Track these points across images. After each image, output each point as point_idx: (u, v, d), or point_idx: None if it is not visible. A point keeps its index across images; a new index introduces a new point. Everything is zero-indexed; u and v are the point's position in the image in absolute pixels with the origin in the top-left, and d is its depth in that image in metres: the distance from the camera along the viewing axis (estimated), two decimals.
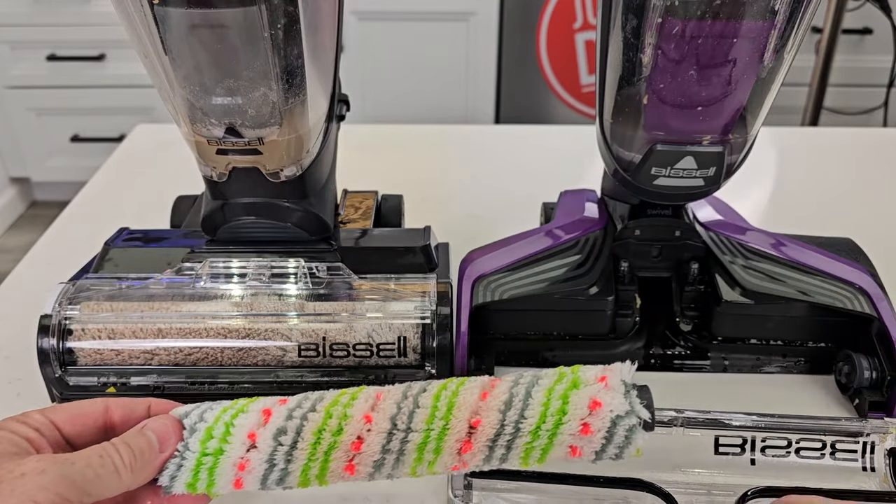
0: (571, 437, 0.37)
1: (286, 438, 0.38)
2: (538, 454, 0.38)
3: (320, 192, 0.56)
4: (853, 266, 0.56)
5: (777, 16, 0.43)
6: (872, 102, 2.02)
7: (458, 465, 0.39)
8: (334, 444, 0.39)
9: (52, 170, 2.30)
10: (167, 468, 0.39)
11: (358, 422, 0.39)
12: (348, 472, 0.39)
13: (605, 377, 0.38)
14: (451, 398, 0.39)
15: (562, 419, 0.37)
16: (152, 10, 0.43)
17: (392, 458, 0.39)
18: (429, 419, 0.38)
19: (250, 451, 0.39)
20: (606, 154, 0.53)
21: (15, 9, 2.05)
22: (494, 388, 0.39)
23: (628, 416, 0.37)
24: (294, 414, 0.39)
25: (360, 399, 0.40)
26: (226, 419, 0.39)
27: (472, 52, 2.01)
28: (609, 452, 0.37)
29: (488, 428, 0.38)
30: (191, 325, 0.51)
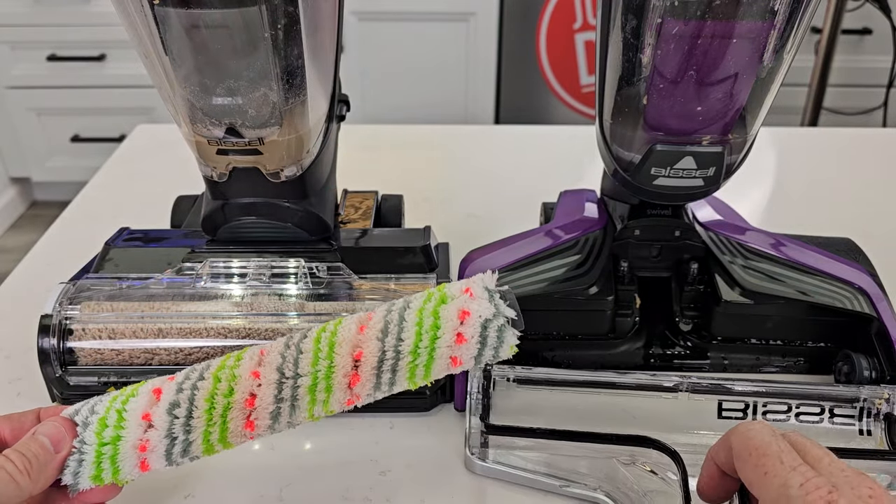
0: (449, 349, 0.40)
1: (180, 410, 0.39)
2: (422, 371, 0.40)
3: (320, 192, 0.56)
4: (853, 266, 0.56)
5: (776, 16, 0.43)
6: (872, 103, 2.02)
7: (351, 399, 0.41)
8: (228, 405, 0.40)
9: (53, 170, 2.30)
10: (68, 467, 0.39)
11: (247, 380, 0.40)
12: (248, 429, 0.40)
13: (468, 288, 0.41)
14: (331, 338, 0.40)
15: (437, 334, 0.40)
16: (153, 11, 0.43)
17: (287, 406, 0.40)
18: (313, 362, 0.40)
19: (148, 431, 0.39)
20: (606, 154, 0.53)
21: (15, 9, 2.05)
22: (370, 320, 0.41)
23: (496, 318, 0.40)
24: (184, 386, 0.40)
25: (245, 359, 0.41)
26: (117, 406, 0.40)
27: (472, 52, 2.01)
28: (486, 355, 0.40)
29: (371, 357, 0.40)
30: (191, 325, 0.51)
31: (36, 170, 2.31)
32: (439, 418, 0.53)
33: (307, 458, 0.50)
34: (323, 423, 0.52)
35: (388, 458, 0.50)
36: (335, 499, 0.47)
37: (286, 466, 0.49)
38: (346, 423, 0.52)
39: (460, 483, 0.48)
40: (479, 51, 2.01)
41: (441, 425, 0.53)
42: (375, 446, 0.51)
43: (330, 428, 0.52)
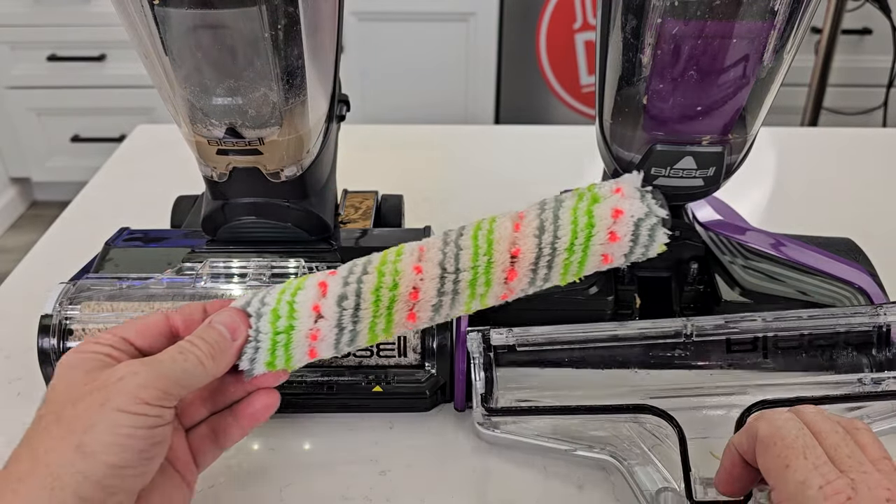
0: (602, 247, 0.42)
1: (348, 303, 0.42)
2: (576, 268, 0.43)
3: (320, 192, 0.56)
4: (853, 266, 0.56)
5: (776, 16, 0.43)
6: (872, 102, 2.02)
7: (506, 294, 0.44)
8: (394, 298, 0.42)
9: (53, 170, 2.30)
10: (245, 353, 0.41)
11: (409, 274, 0.43)
12: (411, 320, 0.43)
13: (619, 188, 0.43)
14: (489, 235, 0.43)
15: (591, 232, 0.42)
16: (153, 11, 0.43)
17: (448, 299, 0.43)
18: (473, 257, 0.43)
19: (318, 322, 0.42)
20: (606, 154, 0.53)
21: (15, 9, 2.05)
22: (524, 218, 0.43)
23: (648, 217, 0.42)
24: (349, 280, 0.43)
25: (405, 254, 0.43)
26: (286, 299, 0.42)
27: (472, 52, 2.01)
28: (636, 253, 0.43)
29: (528, 253, 0.43)
30: None
31: (36, 170, 2.31)
32: (439, 418, 0.53)
33: (307, 458, 0.50)
34: (323, 422, 0.52)
35: (388, 458, 0.50)
36: (335, 499, 0.47)
37: (286, 466, 0.49)
38: (346, 423, 0.52)
39: (460, 483, 0.48)
40: (479, 51, 2.01)
41: (441, 425, 0.53)
42: (375, 446, 0.51)
43: (330, 428, 0.52)
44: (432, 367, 0.51)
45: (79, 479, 0.32)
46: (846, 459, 0.34)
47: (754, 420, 0.37)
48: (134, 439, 0.33)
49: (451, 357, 0.51)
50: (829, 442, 0.35)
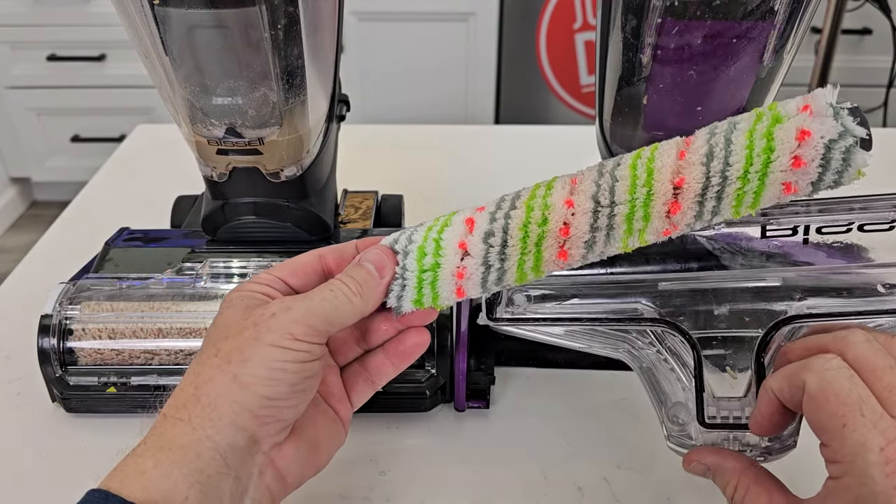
0: (783, 174, 0.36)
1: (495, 240, 0.39)
2: (750, 199, 0.37)
3: (320, 192, 0.56)
4: None
5: (776, 16, 0.43)
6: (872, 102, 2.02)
7: (668, 230, 0.38)
8: (542, 234, 0.39)
9: (53, 170, 2.30)
10: (392, 291, 0.40)
11: (560, 209, 0.39)
12: (562, 258, 0.40)
13: (808, 105, 0.36)
14: (649, 164, 0.38)
15: (770, 157, 0.36)
16: (153, 11, 0.43)
17: (602, 235, 0.39)
18: (630, 189, 0.38)
19: (465, 259, 0.40)
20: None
21: (15, 9, 2.05)
22: (691, 145, 0.38)
23: (843, 138, 0.36)
24: (496, 216, 0.40)
25: (556, 188, 0.40)
26: (433, 236, 0.41)
27: (472, 52, 2.01)
28: (827, 181, 0.36)
29: (694, 184, 0.37)
30: (191, 325, 0.51)
31: (36, 170, 2.31)
32: (439, 418, 0.53)
33: None
34: None
35: (388, 458, 0.50)
36: (335, 499, 0.47)
37: None
38: None
39: (460, 483, 0.48)
40: (479, 51, 2.01)
41: (441, 425, 0.53)
42: (375, 446, 0.51)
43: None
44: (432, 367, 0.51)
45: (236, 409, 0.34)
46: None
47: (798, 370, 0.34)
48: (285, 373, 0.35)
49: (451, 357, 0.51)
50: (884, 383, 0.32)
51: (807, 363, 0.34)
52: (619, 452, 0.50)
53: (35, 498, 0.47)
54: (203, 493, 0.33)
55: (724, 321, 0.44)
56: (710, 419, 0.40)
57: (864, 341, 0.34)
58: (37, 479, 0.48)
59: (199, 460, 0.33)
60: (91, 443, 0.51)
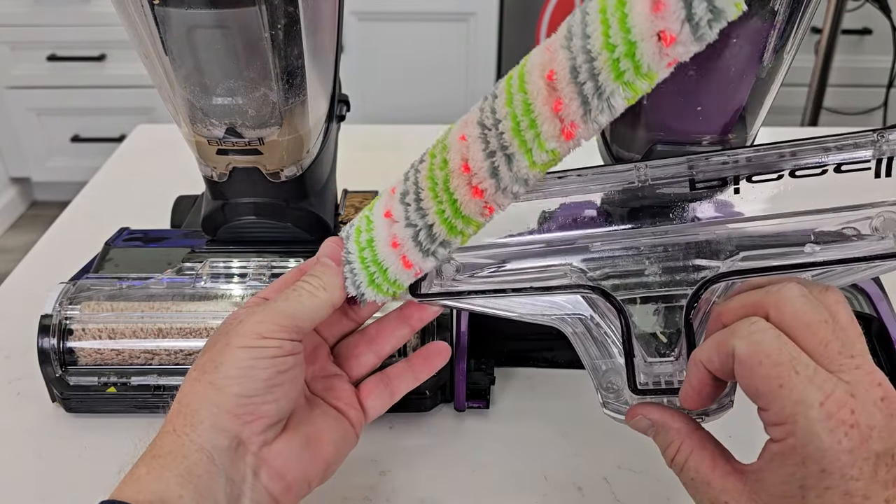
0: (649, 24, 0.30)
1: (410, 197, 0.39)
2: (629, 64, 0.31)
3: (320, 192, 0.56)
4: None
5: (776, 16, 0.43)
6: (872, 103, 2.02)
7: (565, 128, 0.34)
8: (447, 176, 0.37)
9: (53, 170, 2.30)
10: (346, 279, 0.40)
11: (455, 145, 0.37)
12: (477, 196, 0.36)
13: None
14: (520, 71, 0.35)
15: (624, 11, 0.30)
16: (153, 11, 0.43)
17: (501, 158, 0.35)
18: (507, 101, 0.35)
19: (393, 227, 0.39)
20: (606, 154, 0.53)
21: (15, 9, 2.05)
22: (551, 40, 0.34)
23: None
24: (408, 176, 0.39)
25: (453, 129, 0.38)
26: (365, 213, 0.41)
27: (472, 52, 2.01)
28: (700, 13, 0.29)
29: (563, 70, 0.33)
30: (191, 325, 0.51)
31: (36, 170, 2.31)
32: (439, 418, 0.53)
33: None
34: None
35: (388, 458, 0.50)
36: (335, 499, 0.47)
37: None
38: None
39: (460, 483, 0.48)
40: (479, 51, 2.01)
41: (441, 425, 0.53)
42: (375, 446, 0.51)
43: None
44: None
45: (214, 411, 0.36)
46: (836, 356, 0.31)
47: (726, 337, 0.33)
48: (256, 370, 0.36)
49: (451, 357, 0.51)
50: (819, 337, 0.31)
51: (733, 329, 0.33)
52: (619, 452, 0.50)
53: (35, 498, 0.47)
54: (197, 493, 0.34)
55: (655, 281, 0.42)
56: (642, 385, 0.39)
57: (799, 296, 0.33)
58: (37, 479, 0.48)
59: (186, 461, 0.35)
60: (91, 443, 0.51)
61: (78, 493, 0.47)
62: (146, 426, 0.52)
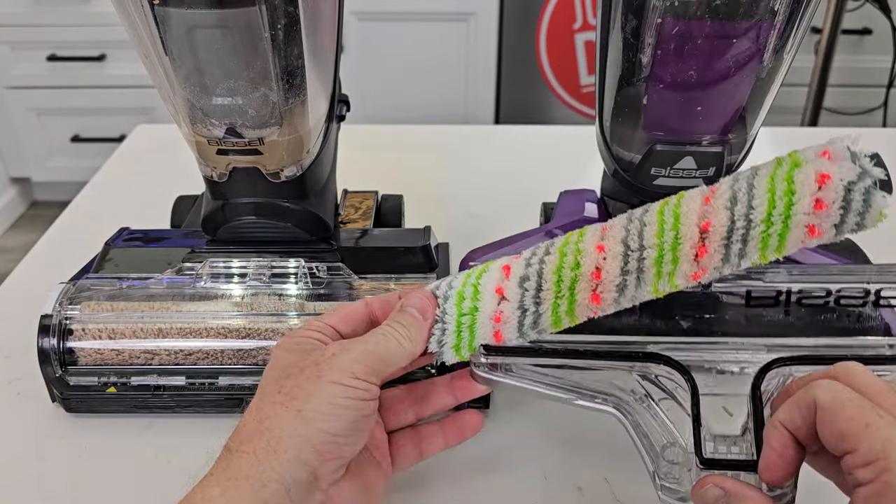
0: (806, 217, 0.37)
1: (530, 284, 0.41)
2: (776, 242, 0.38)
3: (320, 192, 0.56)
4: None
5: (776, 16, 0.43)
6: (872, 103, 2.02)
7: (697, 273, 0.40)
8: (575, 278, 0.41)
9: (53, 170, 2.30)
10: (433, 335, 0.42)
11: (592, 253, 0.41)
12: (595, 302, 0.41)
13: (826, 151, 0.38)
14: (676, 209, 0.40)
15: (792, 200, 0.37)
16: (153, 11, 0.43)
17: (633, 278, 0.40)
18: (658, 233, 0.40)
19: (501, 304, 0.41)
20: (606, 154, 0.53)
21: (15, 9, 2.05)
22: (716, 191, 0.40)
23: (862, 180, 0.37)
24: (531, 262, 0.42)
25: (587, 234, 0.42)
26: (472, 282, 0.42)
27: (472, 52, 2.01)
28: (850, 223, 0.37)
29: (719, 227, 0.38)
30: (191, 325, 0.51)
31: (36, 170, 2.31)
32: None
33: None
34: None
35: None
36: None
37: None
38: None
39: (461, 483, 0.48)
40: (479, 51, 2.01)
41: None
42: None
43: None
44: (433, 367, 0.51)
45: (300, 443, 0.35)
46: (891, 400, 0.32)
47: (805, 392, 0.34)
48: (347, 409, 0.36)
49: None
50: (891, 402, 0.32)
51: (812, 384, 0.34)
52: (619, 452, 0.50)
53: (35, 498, 0.47)
54: None
55: None
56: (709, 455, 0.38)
57: (866, 371, 0.34)
58: (37, 479, 0.48)
59: (264, 491, 0.34)
60: (91, 443, 0.51)
61: (78, 493, 0.47)
62: (146, 426, 0.52)
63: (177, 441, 0.51)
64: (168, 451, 0.50)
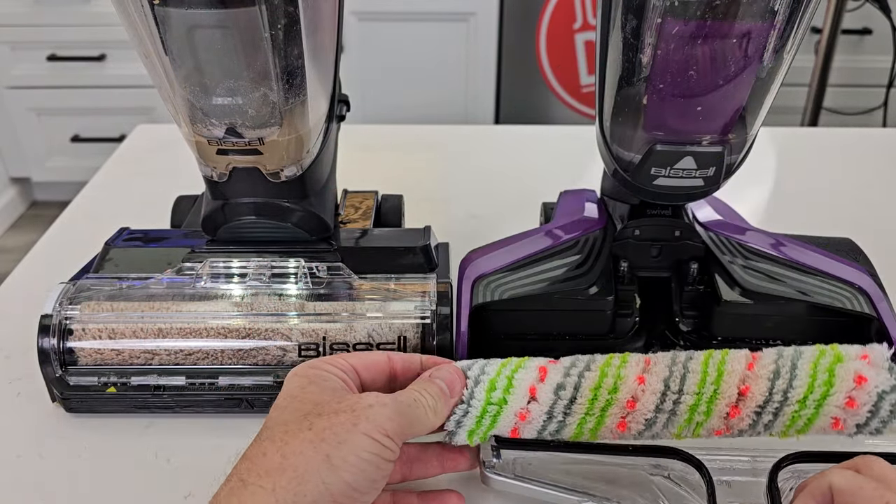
0: (837, 409, 0.40)
1: (565, 393, 0.42)
2: (802, 423, 0.41)
3: (320, 192, 0.56)
4: (853, 266, 0.56)
5: (776, 16, 0.43)
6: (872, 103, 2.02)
7: (722, 430, 0.42)
8: (611, 401, 0.42)
9: (53, 170, 2.30)
10: (454, 414, 0.42)
11: (631, 383, 0.42)
12: (620, 429, 0.42)
13: (866, 355, 0.41)
14: (720, 365, 0.42)
15: (829, 391, 0.40)
16: (153, 11, 0.43)
17: (663, 417, 0.42)
18: (700, 383, 0.42)
19: (531, 403, 0.42)
20: (606, 154, 0.53)
21: (15, 9, 2.05)
22: (760, 360, 0.42)
23: (894, 392, 0.40)
24: (570, 372, 0.43)
25: (630, 362, 0.43)
26: (507, 373, 0.43)
27: (472, 52, 2.01)
28: (872, 426, 0.40)
29: (758, 395, 0.41)
30: (191, 325, 0.51)
31: (36, 170, 2.31)
32: None
33: None
34: None
35: None
36: None
37: None
38: None
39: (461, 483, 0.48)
40: (479, 51, 2.01)
41: None
42: None
43: None
44: None
45: (322, 489, 0.34)
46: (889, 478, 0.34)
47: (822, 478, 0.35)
48: (370, 465, 0.36)
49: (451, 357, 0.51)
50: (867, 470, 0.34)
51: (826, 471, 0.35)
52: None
53: (35, 498, 0.47)
54: None
55: None
56: None
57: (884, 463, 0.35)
58: (37, 479, 0.48)
59: None
60: (91, 443, 0.51)
61: (78, 494, 0.47)
62: (146, 426, 0.52)
63: (177, 441, 0.51)
64: (168, 451, 0.50)
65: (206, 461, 0.48)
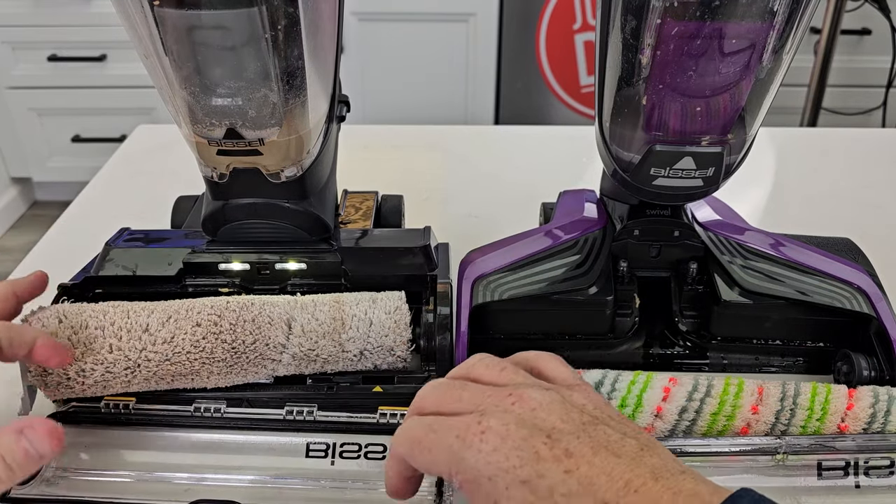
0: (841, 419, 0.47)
1: (687, 415, 0.47)
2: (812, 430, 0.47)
3: (320, 192, 0.56)
4: (852, 266, 0.56)
5: (776, 16, 0.43)
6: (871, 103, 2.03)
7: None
8: (726, 427, 0.47)
9: (54, 170, 2.30)
10: None
11: (747, 411, 0.47)
12: None
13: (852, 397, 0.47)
14: (825, 404, 0.47)
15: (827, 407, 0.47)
16: (153, 12, 0.43)
17: None
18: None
19: (656, 421, 0.47)
20: (605, 154, 0.53)
21: (16, 9, 2.05)
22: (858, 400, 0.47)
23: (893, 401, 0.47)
24: (693, 396, 0.47)
25: (745, 392, 0.47)
26: (636, 392, 0.47)
27: (472, 52, 2.01)
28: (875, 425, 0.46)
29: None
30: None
31: (37, 170, 2.31)
32: None
33: None
34: None
35: None
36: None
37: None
38: None
39: None
40: (479, 51, 2.01)
41: None
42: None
43: None
44: (433, 367, 0.51)
45: None
46: (464, 400, 0.36)
47: (390, 449, 0.38)
48: None
49: (450, 358, 0.51)
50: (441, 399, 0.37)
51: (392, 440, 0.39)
52: None
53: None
54: None
55: None
56: None
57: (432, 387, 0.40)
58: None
59: None
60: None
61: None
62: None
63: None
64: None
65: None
